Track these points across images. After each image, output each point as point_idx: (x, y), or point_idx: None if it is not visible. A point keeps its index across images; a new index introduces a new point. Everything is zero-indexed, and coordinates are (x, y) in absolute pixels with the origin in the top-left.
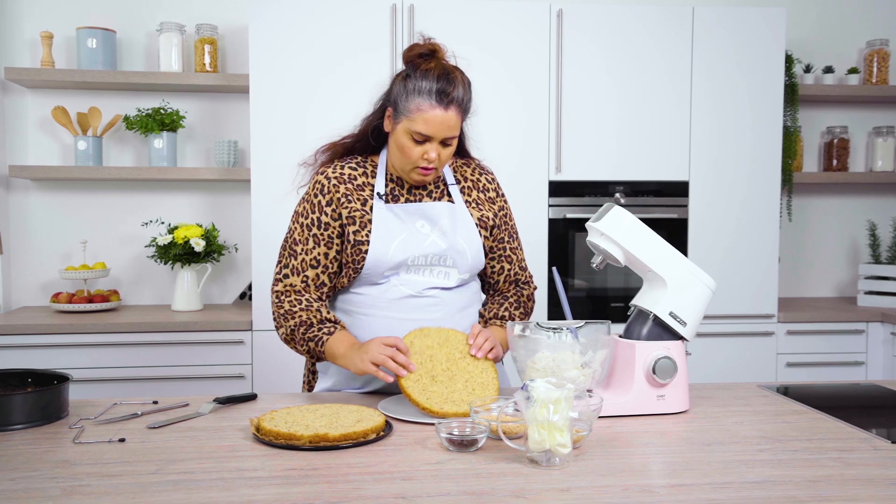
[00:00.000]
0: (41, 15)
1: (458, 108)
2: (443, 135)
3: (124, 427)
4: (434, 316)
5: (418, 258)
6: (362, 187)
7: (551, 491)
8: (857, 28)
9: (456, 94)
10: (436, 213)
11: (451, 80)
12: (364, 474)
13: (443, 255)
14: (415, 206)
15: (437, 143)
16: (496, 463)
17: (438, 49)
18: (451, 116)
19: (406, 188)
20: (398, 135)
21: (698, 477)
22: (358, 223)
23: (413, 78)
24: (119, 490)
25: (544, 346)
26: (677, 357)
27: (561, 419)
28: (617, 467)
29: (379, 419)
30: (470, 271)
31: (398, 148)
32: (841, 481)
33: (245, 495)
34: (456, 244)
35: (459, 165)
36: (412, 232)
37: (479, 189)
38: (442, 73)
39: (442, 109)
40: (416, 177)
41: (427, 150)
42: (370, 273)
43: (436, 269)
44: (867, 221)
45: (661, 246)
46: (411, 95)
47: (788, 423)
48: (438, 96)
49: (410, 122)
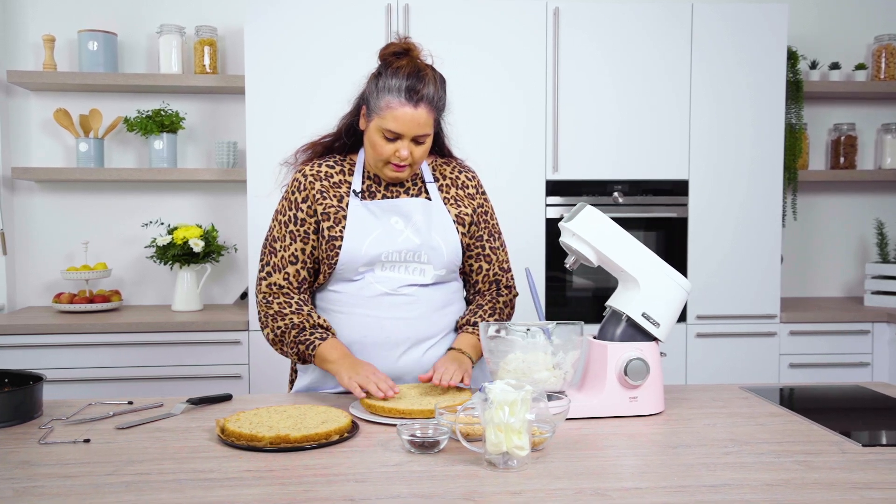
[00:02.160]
0: (44, 18)
1: (429, 105)
2: (413, 132)
3: (93, 427)
4: (411, 314)
5: (392, 254)
6: (339, 184)
7: (503, 494)
8: (865, 23)
9: (426, 91)
10: (410, 210)
11: (420, 77)
12: (319, 476)
13: (416, 252)
14: (389, 202)
15: (408, 140)
16: (454, 465)
17: (413, 48)
18: (422, 114)
19: (383, 185)
20: (371, 132)
21: (655, 480)
22: (332, 219)
23: (384, 76)
24: (71, 491)
25: (516, 347)
26: (650, 358)
27: (518, 421)
28: (575, 470)
29: (344, 420)
30: (446, 268)
31: (371, 145)
32: (800, 485)
33: (194, 497)
34: (430, 240)
35: (439, 164)
36: (386, 228)
37: (457, 186)
38: (412, 70)
39: (411, 107)
40: (390, 174)
41: (398, 148)
42: (344, 269)
43: (410, 265)
44: (875, 220)
45: (633, 246)
46: (382, 93)
47: (762, 425)
48: (408, 94)
49: (381, 119)
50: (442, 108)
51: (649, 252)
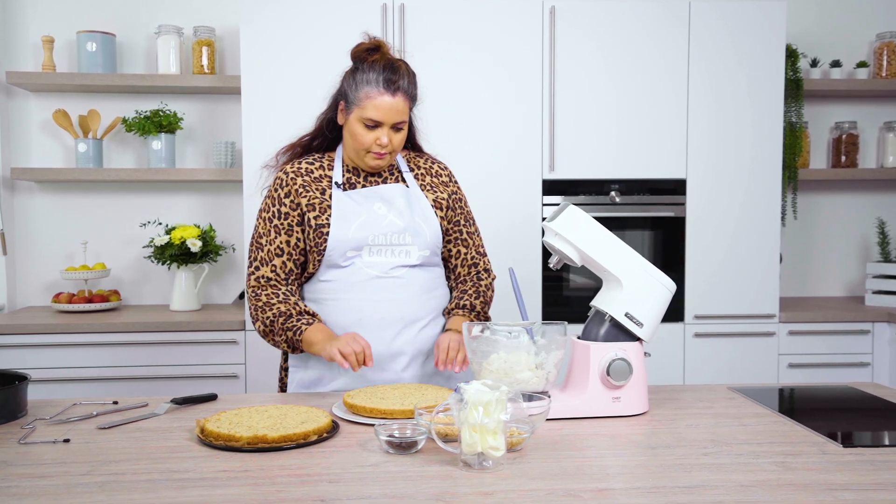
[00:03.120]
0: (43, 19)
1: (405, 95)
2: (392, 120)
3: (75, 427)
4: (401, 296)
5: (378, 237)
6: (320, 179)
7: (474, 495)
8: (866, 21)
9: (402, 82)
10: (391, 195)
11: (395, 69)
12: (293, 476)
13: (401, 233)
14: (370, 189)
15: (387, 128)
16: (430, 466)
17: (383, 44)
18: (399, 102)
19: (362, 176)
20: (351, 124)
21: (630, 481)
22: (318, 209)
23: (361, 70)
24: (45, 491)
25: (499, 347)
26: (634, 358)
27: (492, 421)
28: (551, 471)
29: (324, 421)
30: (430, 248)
31: (352, 136)
32: (775, 486)
33: (165, 497)
34: (413, 222)
35: (413, 157)
36: (370, 213)
37: (431, 175)
38: (387, 63)
39: (390, 96)
40: (372, 162)
41: (379, 136)
42: (333, 254)
43: (396, 248)
44: (877, 219)
45: (617, 246)
46: (360, 85)
47: (745, 426)
48: (386, 84)
49: (361, 109)
50: (415, 99)
51: (633, 252)
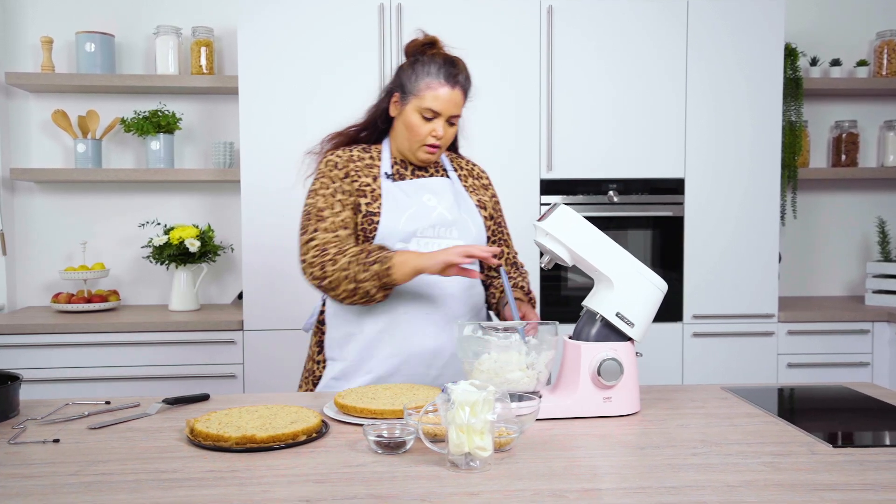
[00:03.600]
0: (42, 20)
1: (462, 89)
2: (450, 112)
3: (66, 427)
4: (448, 291)
5: (427, 229)
6: (370, 167)
7: (460, 495)
8: (866, 20)
9: (461, 76)
10: (440, 188)
11: (455, 63)
12: (280, 477)
13: (449, 227)
14: (419, 181)
15: (443, 120)
16: (418, 466)
17: (437, 41)
18: (457, 95)
19: (410, 170)
20: (407, 114)
21: (616, 482)
22: (369, 196)
23: (421, 62)
24: (31, 492)
25: (490, 347)
26: (625, 358)
27: (479, 422)
28: (538, 471)
29: (313, 421)
30: (474, 244)
31: (406, 127)
32: (762, 486)
33: (151, 497)
34: (461, 217)
35: (454, 158)
36: (420, 205)
37: (473, 177)
38: (447, 58)
39: (449, 87)
40: (423, 155)
41: (435, 128)
42: (381, 243)
43: (444, 241)
44: (877, 218)
45: (608, 246)
46: (421, 76)
47: (735, 426)
48: (446, 76)
49: (420, 100)
50: (468, 95)
51: (624, 252)
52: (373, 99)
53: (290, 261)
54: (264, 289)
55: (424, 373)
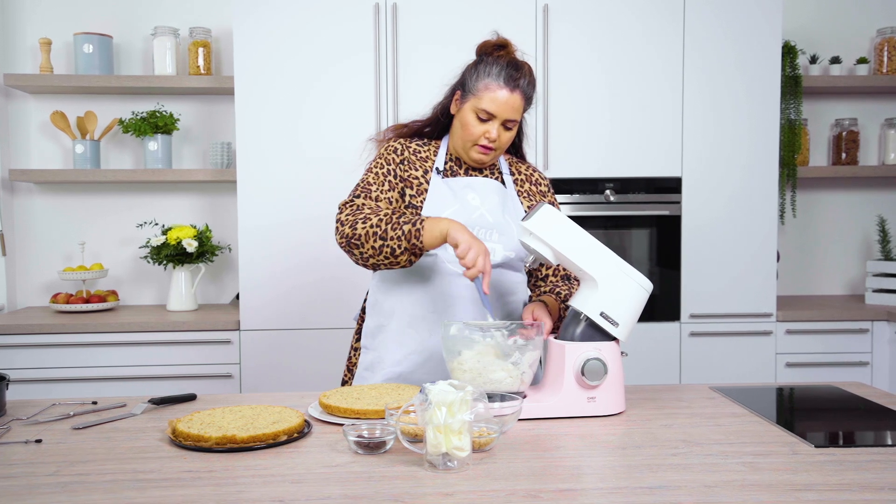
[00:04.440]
0: (41, 21)
1: (522, 94)
2: (506, 115)
3: (50, 428)
4: (477, 295)
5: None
6: (425, 160)
7: (433, 496)
8: (866, 17)
9: (522, 81)
10: (485, 189)
11: (518, 67)
12: (256, 477)
13: (490, 230)
14: (466, 179)
15: (499, 123)
16: (396, 466)
17: (509, 44)
18: (516, 99)
19: (463, 169)
20: (464, 113)
21: (593, 482)
22: (416, 189)
23: (485, 63)
24: (6, 492)
25: (473, 346)
26: (609, 358)
27: (456, 422)
28: (517, 471)
29: (295, 421)
30: (515, 251)
31: (462, 126)
32: (739, 487)
33: (125, 497)
34: (503, 221)
35: (515, 162)
36: (464, 203)
37: (531, 182)
38: (511, 61)
39: (508, 91)
40: (476, 155)
41: (489, 129)
42: None
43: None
44: (877, 217)
45: (592, 245)
46: (481, 76)
47: (719, 426)
48: (507, 78)
49: (477, 100)
50: (530, 102)
51: (608, 251)
52: (371, 99)
53: (286, 261)
54: (261, 289)
55: (447, 372)
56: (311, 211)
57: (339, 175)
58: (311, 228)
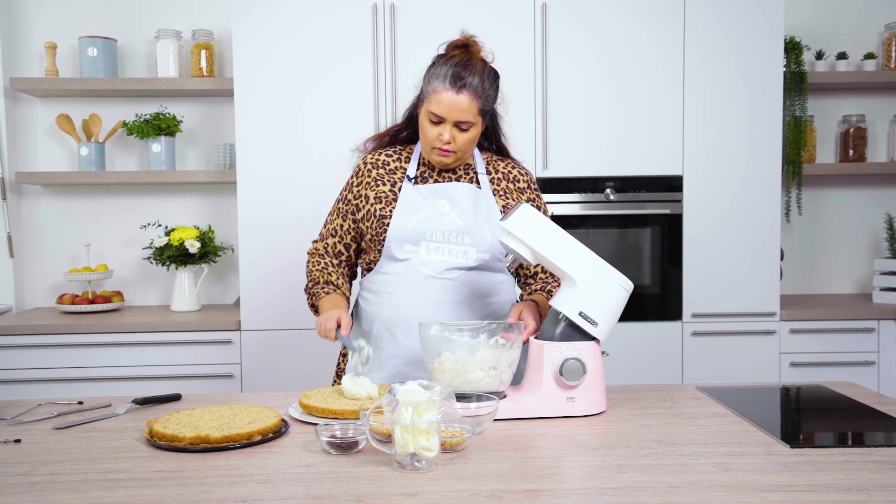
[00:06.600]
0: (46, 26)
1: (472, 93)
2: (455, 117)
3: (32, 428)
4: (451, 298)
5: (436, 233)
6: (394, 171)
7: (397, 496)
8: (873, 12)
9: (470, 80)
10: (457, 193)
11: (467, 66)
12: (224, 477)
13: (460, 233)
14: (438, 185)
15: (450, 125)
16: (365, 466)
17: (473, 43)
18: (464, 100)
19: (436, 172)
20: (421, 117)
21: (558, 483)
22: (384, 202)
23: (436, 65)
24: None
25: (452, 346)
26: (588, 358)
27: (423, 422)
28: (484, 472)
29: (271, 421)
30: (490, 252)
31: (421, 130)
32: (704, 487)
33: (92, 497)
34: (475, 223)
35: (494, 160)
36: (433, 209)
37: (509, 180)
38: (462, 60)
39: (453, 92)
40: (436, 157)
41: (441, 132)
42: (391, 245)
43: (454, 247)
44: (886, 214)
45: (570, 245)
46: (431, 79)
47: (698, 426)
48: (452, 80)
49: (428, 103)
50: (488, 100)
51: (587, 251)
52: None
53: (286, 261)
54: (261, 289)
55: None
56: (310, 210)
57: (338, 175)
58: (311, 228)
